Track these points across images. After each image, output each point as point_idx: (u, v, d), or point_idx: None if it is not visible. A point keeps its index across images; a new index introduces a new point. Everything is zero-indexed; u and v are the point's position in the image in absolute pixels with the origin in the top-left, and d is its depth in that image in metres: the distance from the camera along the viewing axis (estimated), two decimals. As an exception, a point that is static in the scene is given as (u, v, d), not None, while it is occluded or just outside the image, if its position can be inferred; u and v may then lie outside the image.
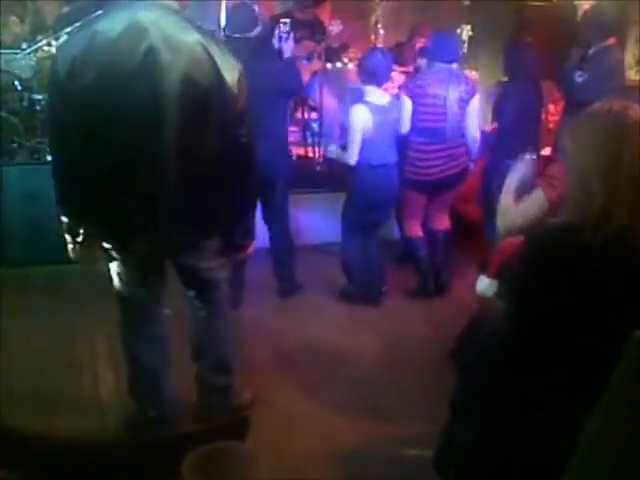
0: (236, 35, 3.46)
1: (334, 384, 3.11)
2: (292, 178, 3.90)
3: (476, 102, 3.86)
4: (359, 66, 3.78)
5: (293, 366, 3.26)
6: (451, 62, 3.79)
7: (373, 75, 3.62)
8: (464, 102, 3.78)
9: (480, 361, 1.90)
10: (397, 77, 4.52)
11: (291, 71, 3.68)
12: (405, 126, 3.77)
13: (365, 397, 3.01)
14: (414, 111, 3.74)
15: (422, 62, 4.13)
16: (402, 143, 3.84)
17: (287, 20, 3.73)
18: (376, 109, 3.60)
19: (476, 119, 3.91)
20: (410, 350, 3.42)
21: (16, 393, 2.82)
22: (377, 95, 3.64)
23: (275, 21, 3.88)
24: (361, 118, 3.58)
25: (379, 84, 3.66)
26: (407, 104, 3.75)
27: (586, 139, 1.59)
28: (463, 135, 3.88)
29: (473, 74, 5.15)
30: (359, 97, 3.72)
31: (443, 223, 4.12)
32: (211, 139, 2.15)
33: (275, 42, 3.64)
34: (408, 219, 4.10)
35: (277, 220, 3.87)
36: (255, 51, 3.38)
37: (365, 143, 3.63)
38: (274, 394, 2.93)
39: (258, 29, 3.44)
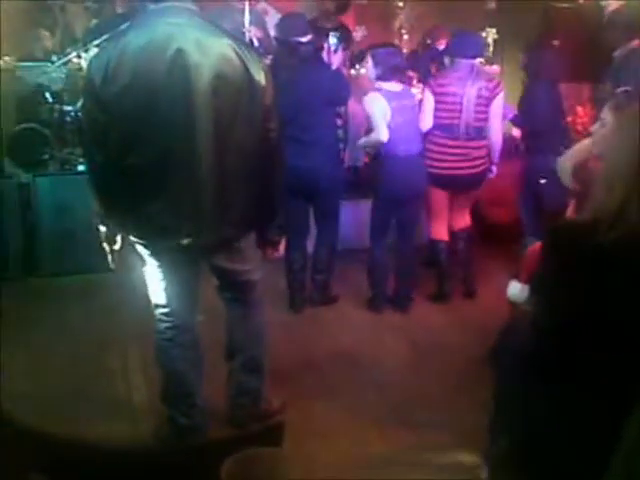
0: (287, 39, 3.58)
1: (363, 391, 3.10)
2: (344, 185, 3.95)
3: (500, 102, 3.83)
4: (376, 65, 3.76)
5: (322, 373, 3.25)
6: (474, 57, 3.79)
7: (395, 71, 3.67)
8: (485, 99, 3.76)
9: (515, 367, 1.88)
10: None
11: (340, 80, 3.81)
12: (427, 122, 3.80)
13: (395, 404, 2.99)
14: (435, 107, 3.77)
15: (447, 60, 4.11)
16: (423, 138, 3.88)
17: (337, 33, 3.83)
18: (391, 95, 3.65)
19: (499, 120, 3.88)
20: (439, 356, 3.40)
21: (49, 400, 2.87)
22: (390, 85, 3.68)
23: (325, 33, 3.97)
24: (378, 104, 3.63)
25: (401, 79, 3.70)
26: (430, 100, 3.78)
27: (623, 134, 1.57)
28: (484, 136, 3.86)
29: (495, 68, 5.14)
30: (373, 87, 3.76)
31: (463, 221, 4.09)
32: (243, 134, 2.23)
33: (324, 54, 3.74)
34: (433, 220, 4.07)
35: (326, 226, 3.93)
36: (305, 58, 3.55)
37: (388, 131, 3.65)
38: (303, 401, 2.92)
39: (309, 36, 3.58)
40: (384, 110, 3.63)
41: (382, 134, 3.66)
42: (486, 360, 2.18)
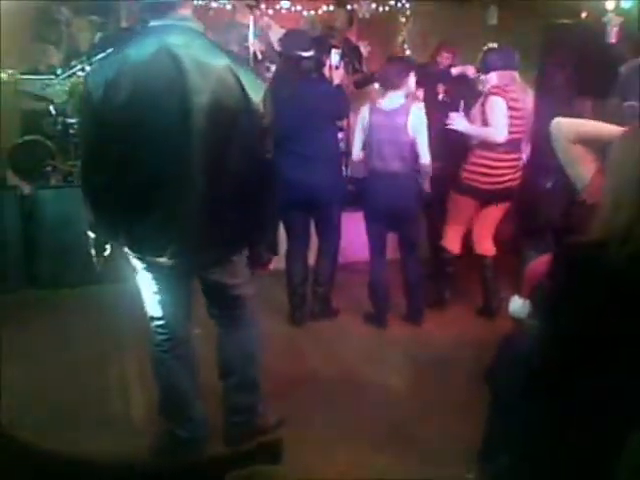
0: (290, 53, 3.65)
1: (363, 406, 3.07)
2: (346, 198, 3.98)
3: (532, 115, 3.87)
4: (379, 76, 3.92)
5: (321, 387, 3.23)
6: (516, 67, 3.81)
7: (386, 79, 3.75)
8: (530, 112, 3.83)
9: (513, 382, 1.87)
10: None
11: (340, 96, 3.85)
12: (501, 134, 3.72)
13: (395, 419, 2.96)
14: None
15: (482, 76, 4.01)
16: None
17: (339, 50, 3.89)
18: (378, 112, 3.70)
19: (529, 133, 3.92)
20: (440, 371, 3.37)
21: (47, 414, 2.85)
22: (390, 99, 3.70)
23: (327, 49, 4.01)
24: (360, 119, 3.76)
25: (393, 88, 3.70)
26: (502, 106, 3.71)
27: (626, 152, 1.56)
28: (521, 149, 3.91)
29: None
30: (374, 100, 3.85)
31: (489, 249, 4.04)
32: (238, 155, 2.21)
33: (326, 70, 3.79)
34: (449, 225, 4.05)
35: (327, 238, 3.95)
36: (306, 72, 3.62)
37: (367, 146, 3.74)
38: (301, 417, 2.89)
39: (311, 52, 3.65)
40: (364, 125, 3.73)
41: (354, 153, 3.84)
42: (483, 376, 2.16)
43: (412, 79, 3.78)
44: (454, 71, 4.59)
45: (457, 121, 3.81)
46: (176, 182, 2.18)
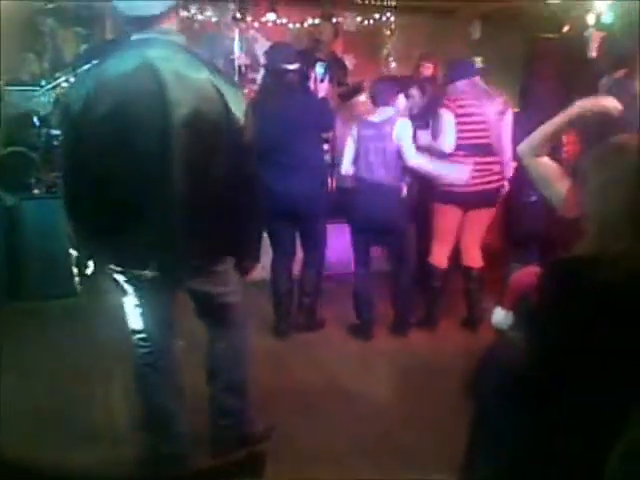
0: (275, 66, 3.68)
1: (350, 417, 3.07)
2: (330, 209, 4.00)
3: (509, 119, 3.88)
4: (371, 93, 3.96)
5: (308, 400, 3.22)
6: (473, 75, 3.88)
7: (377, 97, 3.82)
8: (501, 116, 3.85)
9: (495, 394, 1.88)
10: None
11: (325, 108, 3.89)
12: (448, 144, 3.80)
13: (382, 430, 2.96)
14: (456, 128, 3.80)
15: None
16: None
17: (324, 63, 3.95)
18: (366, 124, 3.80)
19: (509, 137, 3.90)
20: (427, 382, 3.38)
21: (29, 426, 2.82)
22: (378, 113, 3.78)
23: (312, 62, 4.05)
24: (351, 134, 3.85)
25: (384, 105, 3.78)
26: (449, 119, 3.78)
27: (615, 173, 1.55)
28: (498, 152, 3.90)
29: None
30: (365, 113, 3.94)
31: (476, 260, 4.06)
32: (220, 169, 2.22)
33: (311, 83, 3.84)
34: (436, 242, 4.04)
35: (312, 249, 3.95)
36: (292, 85, 3.66)
37: (355, 156, 3.82)
38: (289, 428, 2.88)
39: (296, 65, 3.68)
40: (354, 138, 3.80)
41: (343, 166, 3.88)
42: (466, 387, 2.18)
43: (402, 98, 3.88)
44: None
45: (423, 138, 3.90)
46: (158, 195, 2.18)
